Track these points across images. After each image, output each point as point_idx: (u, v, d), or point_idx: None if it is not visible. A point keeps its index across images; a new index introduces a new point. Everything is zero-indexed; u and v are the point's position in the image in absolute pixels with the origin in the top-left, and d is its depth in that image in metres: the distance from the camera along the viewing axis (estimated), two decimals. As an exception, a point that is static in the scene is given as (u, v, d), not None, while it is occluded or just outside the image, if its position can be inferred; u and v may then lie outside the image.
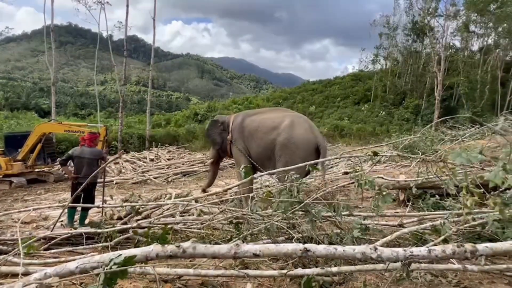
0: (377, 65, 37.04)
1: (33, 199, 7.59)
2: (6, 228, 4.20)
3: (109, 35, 20.73)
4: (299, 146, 4.83)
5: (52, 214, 4.90)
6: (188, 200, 3.79)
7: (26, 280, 1.89)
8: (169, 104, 69.61)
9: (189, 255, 1.96)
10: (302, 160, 4.54)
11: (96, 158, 4.59)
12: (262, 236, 2.94)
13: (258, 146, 5.14)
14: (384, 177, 3.34)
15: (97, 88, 26.86)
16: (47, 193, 8.33)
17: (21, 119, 25.06)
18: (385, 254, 1.59)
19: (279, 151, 4.92)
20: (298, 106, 35.00)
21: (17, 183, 9.01)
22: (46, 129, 9.70)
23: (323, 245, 1.82)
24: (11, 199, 7.62)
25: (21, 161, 9.34)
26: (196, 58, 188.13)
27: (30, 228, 4.25)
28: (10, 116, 26.18)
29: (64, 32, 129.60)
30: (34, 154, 9.47)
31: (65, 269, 2.02)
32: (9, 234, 3.57)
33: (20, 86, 52.59)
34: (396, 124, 24.72)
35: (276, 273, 2.16)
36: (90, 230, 3.32)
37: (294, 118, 5.18)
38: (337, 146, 18.77)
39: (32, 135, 9.37)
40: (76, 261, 2.11)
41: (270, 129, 5.08)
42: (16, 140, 9.74)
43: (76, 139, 11.80)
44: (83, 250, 3.16)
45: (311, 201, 2.67)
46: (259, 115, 5.53)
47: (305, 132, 4.96)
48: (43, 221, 4.68)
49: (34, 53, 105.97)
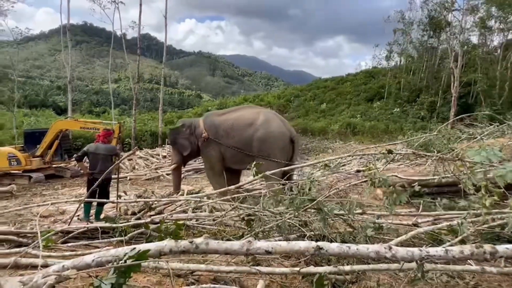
0: (391, 61, 36.30)
1: (50, 194, 7.82)
2: (25, 222, 4.35)
3: (123, 34, 21.06)
4: (277, 139, 5.21)
5: (69, 209, 5.04)
6: (200, 196, 3.83)
7: (45, 272, 1.95)
8: (181, 102, 70.40)
9: (202, 251, 1.98)
10: (281, 151, 5.12)
11: (111, 154, 4.68)
12: (273, 233, 2.94)
13: (236, 143, 5.34)
14: (398, 175, 3.28)
15: (111, 86, 27.34)
16: (64, 188, 8.57)
17: (39, 116, 25.86)
18: (399, 254, 1.56)
19: (258, 145, 5.20)
20: (310, 104, 34.76)
21: (35, 178, 9.31)
22: (63, 126, 9.96)
23: (336, 244, 1.80)
24: (30, 194, 7.88)
25: (40, 157, 9.63)
26: (208, 56, 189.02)
27: (48, 222, 4.38)
28: (29, 113, 27.04)
29: (80, 31, 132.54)
30: (52, 150, 9.75)
31: (82, 262, 2.07)
32: (28, 227, 3.70)
33: (38, 84, 54.24)
34: (410, 122, 24.21)
35: (287, 271, 2.16)
36: (105, 225, 3.40)
37: (266, 114, 5.51)
38: (349, 144, 18.55)
39: (50, 132, 9.64)
40: (93, 254, 2.16)
41: (246, 126, 5.33)
42: (35, 137, 10.04)
43: (91, 135, 12.08)
44: (99, 244, 3.23)
45: (324, 198, 2.64)
46: (230, 113, 5.74)
47: (279, 126, 5.34)
48: (61, 215, 4.81)
49: (51, 52, 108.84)
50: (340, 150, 15.00)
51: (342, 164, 8.82)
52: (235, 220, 3.29)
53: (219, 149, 5.46)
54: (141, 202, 4.03)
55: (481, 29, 25.10)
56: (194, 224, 3.29)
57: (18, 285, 1.81)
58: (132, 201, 4.21)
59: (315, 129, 22.69)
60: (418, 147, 6.06)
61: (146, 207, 3.82)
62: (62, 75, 56.58)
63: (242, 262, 2.55)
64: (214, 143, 5.46)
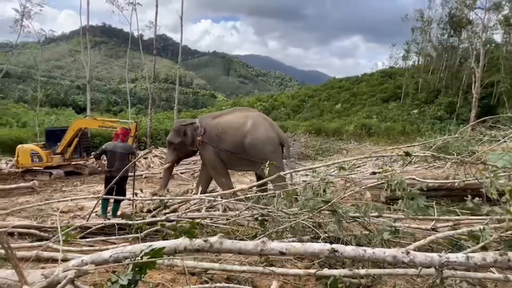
0: (408, 61, 35.44)
1: (70, 190, 8.07)
2: (46, 216, 4.50)
3: (139, 35, 21.49)
4: (265, 144, 5.30)
5: (87, 205, 5.18)
6: (214, 195, 3.86)
7: (65, 266, 2.01)
8: (196, 101, 71.26)
9: (216, 250, 1.99)
10: (273, 154, 5.20)
11: (128, 153, 4.79)
12: (286, 234, 2.93)
13: (228, 147, 5.46)
14: (416, 178, 3.20)
15: (128, 86, 27.99)
16: (83, 185, 8.82)
17: (60, 115, 26.75)
18: (418, 259, 1.53)
19: (248, 151, 5.31)
20: (324, 104, 34.41)
21: (56, 174, 9.63)
22: (82, 124, 10.26)
23: (352, 246, 1.78)
24: (51, 190, 8.16)
25: (60, 154, 9.95)
26: (222, 56, 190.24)
27: (67, 217, 4.53)
28: (50, 112, 28.01)
29: (99, 32, 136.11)
30: (71, 148, 10.06)
31: (100, 257, 2.13)
32: (49, 222, 3.83)
33: (59, 84, 56.13)
34: (428, 123, 23.56)
35: (301, 272, 2.14)
36: (121, 221, 3.48)
37: (255, 118, 5.58)
38: (364, 145, 18.24)
39: (69, 130, 9.95)
40: (110, 250, 2.22)
41: (234, 131, 5.45)
42: (56, 135, 10.39)
43: (108, 134, 12.38)
44: (116, 240, 3.31)
45: (338, 200, 2.61)
46: (221, 117, 5.84)
47: (267, 131, 5.42)
48: (79, 211, 4.96)
49: (71, 53, 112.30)
50: (355, 151, 14.77)
51: (356, 165, 8.69)
52: (249, 220, 3.30)
53: (216, 152, 5.60)
54: (157, 200, 4.10)
55: (505, 27, 24.12)
56: (208, 223, 3.32)
57: (40, 277, 1.88)
58: (148, 199, 4.30)
59: (329, 130, 22.44)
60: (436, 150, 5.91)
61: (161, 205, 3.89)
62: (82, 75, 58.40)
63: (255, 262, 2.55)
64: (210, 146, 5.59)
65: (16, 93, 40.33)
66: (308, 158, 13.07)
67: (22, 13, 16.99)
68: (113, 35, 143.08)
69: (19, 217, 4.30)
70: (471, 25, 24.69)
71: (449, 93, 27.19)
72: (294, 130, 19.09)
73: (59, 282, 1.64)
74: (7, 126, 19.92)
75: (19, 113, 24.61)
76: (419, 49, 33.38)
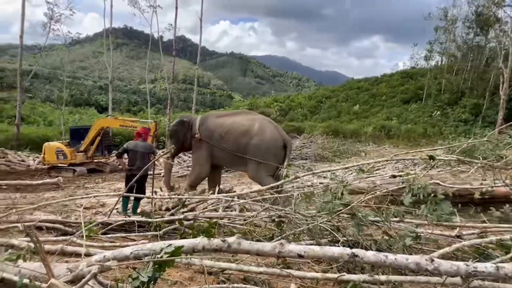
0: (431, 61, 34.27)
1: (92, 187, 8.36)
2: (70, 212, 4.68)
3: (159, 36, 21.97)
4: (270, 146, 5.60)
5: (109, 202, 5.34)
6: (231, 196, 3.88)
7: (89, 261, 2.08)
8: (213, 102, 72.02)
9: (233, 250, 2.00)
10: (273, 157, 5.51)
11: (148, 152, 4.90)
12: (303, 236, 2.90)
13: (230, 147, 5.68)
14: (440, 182, 3.08)
15: (148, 86, 28.67)
16: (104, 182, 9.10)
17: (83, 114, 27.73)
18: (443, 267, 1.47)
19: (252, 152, 5.56)
20: (342, 105, 33.87)
21: (79, 171, 10.01)
22: (104, 123, 10.60)
23: (372, 252, 1.74)
24: (74, 186, 8.47)
25: (83, 152, 10.33)
26: (240, 57, 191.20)
27: (90, 213, 4.68)
28: (74, 111, 29.08)
29: (121, 34, 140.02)
30: (94, 146, 10.42)
31: (121, 253, 2.19)
32: (73, 218, 3.98)
33: (83, 84, 58.23)
34: (451, 126, 22.70)
35: (319, 276, 2.11)
36: (141, 219, 3.56)
37: (261, 121, 5.87)
38: (383, 147, 17.81)
39: (92, 129, 10.31)
40: (131, 247, 2.27)
41: (242, 132, 5.69)
42: (79, 133, 10.79)
43: (129, 133, 12.72)
44: (135, 237, 3.39)
45: (358, 204, 2.56)
46: (227, 118, 6.08)
47: (273, 133, 5.71)
48: (101, 207, 5.12)
49: (95, 54, 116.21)
50: (374, 154, 14.44)
51: (375, 168, 8.49)
52: (266, 221, 3.29)
53: (211, 150, 5.81)
54: (175, 199, 4.17)
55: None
56: (225, 223, 3.34)
57: (65, 271, 1.95)
58: (167, 198, 4.37)
59: (347, 131, 22.05)
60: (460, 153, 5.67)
61: (180, 204, 3.94)
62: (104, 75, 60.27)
63: (272, 264, 2.54)
64: (206, 144, 5.79)
65: (43, 93, 42.19)
66: (325, 159, 12.90)
67: (50, 16, 17.78)
68: (134, 37, 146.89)
69: (45, 212, 4.49)
70: (499, 23, 23.56)
71: (474, 95, 26.09)
72: (311, 131, 18.88)
73: (83, 276, 1.69)
74: (35, 124, 20.88)
75: (45, 112, 25.72)
76: (443, 49, 32.23)
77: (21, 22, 14.91)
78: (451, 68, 31.10)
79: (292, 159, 12.92)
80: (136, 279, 1.68)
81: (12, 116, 19.61)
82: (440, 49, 32.46)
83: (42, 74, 56.13)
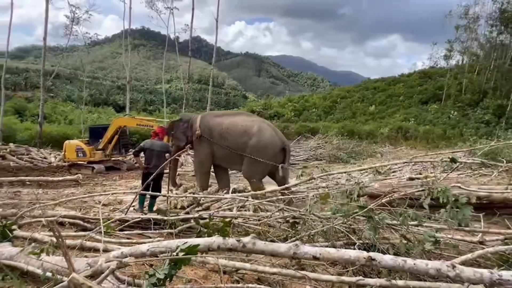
0: (451, 60, 33.19)
1: (109, 184, 8.57)
2: (89, 208, 4.82)
3: (176, 37, 22.30)
4: (268, 148, 5.67)
5: (126, 199, 5.47)
6: (246, 195, 3.89)
7: (107, 257, 2.14)
8: (227, 102, 72.47)
9: (248, 250, 2.01)
10: (269, 159, 5.57)
11: (164, 150, 4.98)
12: (318, 238, 2.87)
13: (229, 146, 5.78)
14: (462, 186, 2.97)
15: (164, 86, 29.17)
16: (121, 180, 9.32)
17: (102, 113, 28.53)
18: (465, 274, 1.42)
19: (250, 152, 5.64)
20: (357, 105, 33.32)
21: (97, 169, 10.29)
22: (122, 122, 10.85)
23: (390, 256, 1.70)
24: (93, 183, 8.72)
25: (101, 150, 10.62)
26: (254, 57, 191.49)
27: (108, 210, 4.80)
28: (93, 110, 29.97)
29: (138, 35, 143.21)
30: (112, 145, 10.68)
31: (138, 250, 2.23)
32: (92, 214, 4.09)
33: (101, 84, 59.88)
34: (472, 127, 21.90)
35: (334, 279, 2.08)
36: (157, 217, 3.61)
37: (260, 124, 5.94)
38: (399, 149, 17.40)
39: (110, 127, 10.57)
40: (147, 244, 2.31)
41: (241, 132, 5.77)
42: (98, 132, 11.09)
43: (145, 132, 12.96)
44: (151, 234, 3.45)
45: (375, 206, 2.51)
46: (225, 117, 6.18)
47: (271, 136, 5.78)
48: (118, 204, 5.24)
49: (113, 55, 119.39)
50: (390, 155, 14.12)
51: (392, 170, 8.31)
52: (280, 221, 3.28)
53: (211, 148, 5.92)
54: (190, 197, 4.21)
55: None
56: (239, 223, 3.34)
57: (85, 266, 2.01)
58: (182, 196, 4.43)
59: (363, 132, 21.66)
60: (483, 156, 5.47)
61: (195, 203, 3.99)
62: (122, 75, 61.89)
63: (286, 265, 2.53)
64: (207, 141, 5.88)
65: (64, 92, 43.67)
66: (340, 160, 12.72)
67: (71, 19, 18.39)
68: (151, 37, 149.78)
69: (65, 208, 4.64)
70: (526, 20, 22.59)
71: (498, 95, 25.08)
72: (325, 131, 18.67)
73: (102, 272, 1.74)
74: (56, 123, 21.64)
75: (66, 111, 26.62)
76: (464, 47, 31.14)
77: (45, 24, 15.48)
78: (472, 68, 30.04)
79: (306, 159, 12.82)
80: (152, 276, 1.71)
81: (35, 114, 20.42)
82: (461, 48, 31.39)
83: (63, 74, 58.11)
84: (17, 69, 53.22)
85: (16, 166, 10.69)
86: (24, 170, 10.05)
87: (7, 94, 24.25)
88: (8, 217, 3.71)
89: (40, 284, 2.12)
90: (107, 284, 1.80)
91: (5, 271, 2.24)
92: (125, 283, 1.90)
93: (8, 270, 2.23)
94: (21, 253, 2.33)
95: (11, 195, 6.12)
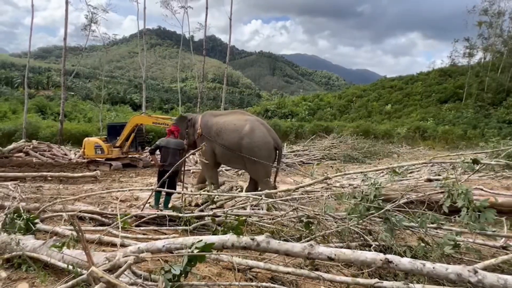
0: (473, 58, 31.99)
1: (126, 181, 8.76)
2: (107, 204, 4.95)
3: (190, 37, 22.53)
4: (261, 148, 5.65)
5: (142, 196, 5.58)
6: (260, 194, 3.89)
7: (124, 252, 2.19)
8: (241, 100, 72.79)
9: (262, 249, 2.01)
10: (265, 159, 5.56)
11: (179, 148, 5.04)
12: (332, 238, 2.83)
13: (225, 145, 5.85)
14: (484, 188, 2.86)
15: (179, 85, 29.55)
16: (137, 177, 9.52)
17: (119, 111, 29.18)
18: (488, 280, 1.37)
19: (246, 152, 5.65)
20: (373, 104, 32.70)
21: (115, 166, 10.55)
22: (138, 120, 11.07)
23: (408, 259, 1.66)
24: (110, 180, 8.94)
25: (119, 147, 10.87)
26: (269, 56, 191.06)
27: (124, 206, 4.92)
28: (111, 109, 30.72)
29: (154, 35, 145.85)
30: (129, 142, 10.92)
31: (154, 246, 2.28)
32: (109, 209, 4.20)
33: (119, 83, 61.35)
34: (494, 127, 21.05)
35: (349, 280, 2.05)
36: (172, 214, 3.67)
37: (253, 123, 5.89)
38: (417, 149, 16.94)
39: (127, 125, 10.81)
40: (163, 240, 2.36)
41: (232, 132, 5.82)
42: (116, 130, 11.36)
43: (161, 130, 13.17)
44: (166, 231, 3.51)
45: (392, 208, 2.45)
46: (222, 117, 6.25)
47: (264, 135, 5.74)
48: (135, 201, 5.36)
49: (130, 55, 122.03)
50: (407, 156, 13.77)
51: (409, 171, 8.12)
52: (294, 221, 3.26)
53: (212, 146, 6.00)
54: (204, 195, 4.26)
55: None
56: (253, 221, 3.35)
57: (103, 260, 2.07)
58: (197, 193, 4.48)
59: (379, 132, 21.23)
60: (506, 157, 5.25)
61: (209, 200, 4.02)
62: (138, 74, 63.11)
63: (299, 265, 2.51)
64: (207, 140, 5.96)
65: (84, 91, 45.01)
66: (355, 160, 12.52)
67: (90, 19, 18.89)
68: (167, 37, 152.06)
69: (84, 203, 4.79)
70: (554, 16, 21.49)
71: (523, 94, 24.04)
72: (340, 131, 18.41)
73: (120, 266, 1.78)
74: (76, 120, 22.33)
75: (85, 109, 27.42)
76: (487, 45, 29.97)
77: (65, 25, 15.97)
78: (495, 65, 28.88)
79: (320, 159, 12.69)
80: (168, 272, 1.74)
81: (57, 112, 21.12)
82: (484, 45, 30.22)
83: (83, 73, 59.90)
84: (40, 68, 55.28)
85: (39, 162, 11.11)
86: (46, 166, 10.43)
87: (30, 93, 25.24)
88: (31, 211, 3.85)
89: (61, 276, 2.20)
90: (124, 278, 1.85)
91: (28, 263, 2.33)
92: (141, 278, 1.94)
93: (31, 262, 2.32)
94: (43, 245, 2.42)
95: (34, 189, 6.36)
